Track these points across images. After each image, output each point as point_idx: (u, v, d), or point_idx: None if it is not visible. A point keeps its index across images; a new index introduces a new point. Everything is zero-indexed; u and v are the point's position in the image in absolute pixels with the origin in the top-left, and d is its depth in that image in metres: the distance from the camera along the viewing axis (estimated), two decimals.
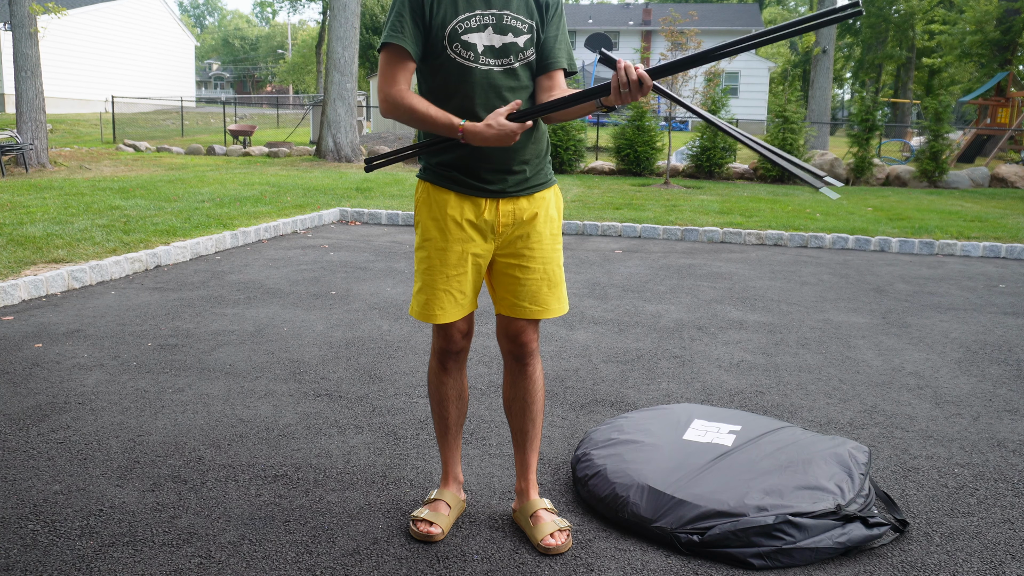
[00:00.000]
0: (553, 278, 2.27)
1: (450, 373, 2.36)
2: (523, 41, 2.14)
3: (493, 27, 2.11)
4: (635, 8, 37.68)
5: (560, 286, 2.30)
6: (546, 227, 2.25)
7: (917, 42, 40.27)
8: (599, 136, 19.00)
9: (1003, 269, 7.04)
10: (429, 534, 2.28)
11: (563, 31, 2.21)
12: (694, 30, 13.62)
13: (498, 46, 2.12)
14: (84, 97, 30.59)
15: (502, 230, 2.22)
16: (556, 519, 2.31)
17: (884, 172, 15.43)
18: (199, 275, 5.84)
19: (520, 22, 2.13)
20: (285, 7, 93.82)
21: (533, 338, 2.31)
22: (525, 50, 2.15)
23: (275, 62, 69.74)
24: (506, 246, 2.24)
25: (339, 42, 16.50)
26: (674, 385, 3.71)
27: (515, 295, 2.26)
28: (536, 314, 2.27)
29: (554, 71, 2.19)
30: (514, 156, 2.17)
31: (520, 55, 2.14)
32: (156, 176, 12.49)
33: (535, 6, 2.16)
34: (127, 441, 2.92)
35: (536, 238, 2.23)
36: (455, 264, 2.22)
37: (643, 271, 6.44)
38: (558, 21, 2.19)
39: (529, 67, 2.18)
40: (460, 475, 2.48)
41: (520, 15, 2.14)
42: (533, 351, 2.32)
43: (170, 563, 2.15)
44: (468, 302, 2.27)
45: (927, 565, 2.23)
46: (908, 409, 3.47)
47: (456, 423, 2.43)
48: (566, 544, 2.25)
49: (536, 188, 2.23)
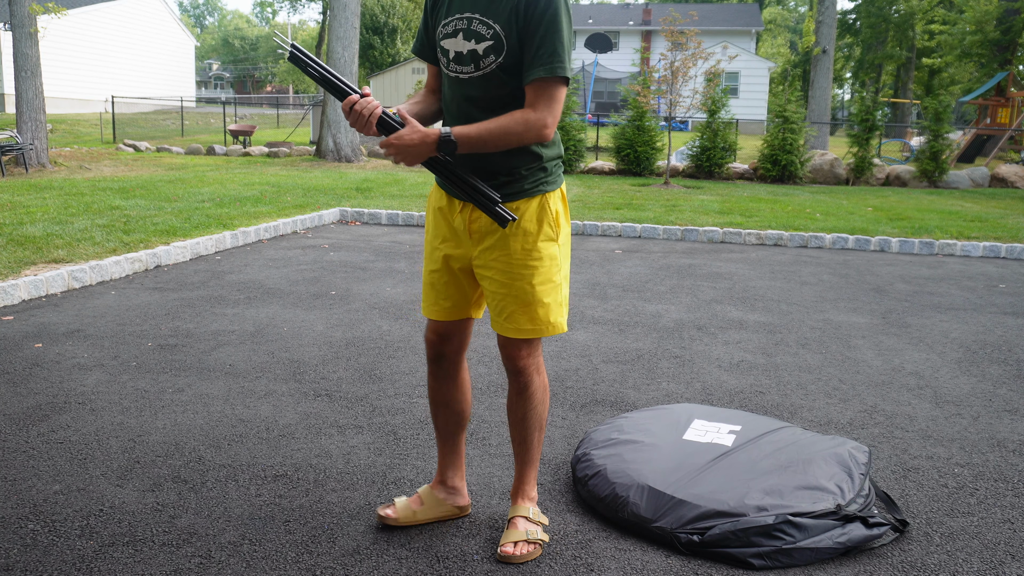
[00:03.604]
0: (524, 297, 2.11)
1: (435, 377, 2.34)
2: (483, 48, 1.99)
3: (464, 32, 2.02)
4: (635, 8, 37.68)
5: (534, 306, 2.12)
6: (517, 241, 2.10)
7: (917, 42, 40.28)
8: (599, 136, 19.01)
9: (1003, 269, 7.04)
10: (381, 516, 2.33)
11: (547, 37, 1.94)
12: (694, 30, 13.62)
13: (464, 52, 2.02)
14: (84, 97, 30.59)
15: (473, 236, 2.15)
16: (531, 529, 2.24)
17: (884, 172, 15.44)
18: (199, 275, 5.84)
19: (486, 27, 1.99)
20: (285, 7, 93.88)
21: (518, 355, 2.19)
22: (485, 58, 2.00)
23: (275, 62, 69.75)
24: (480, 255, 2.15)
25: (339, 42, 16.51)
26: (674, 385, 3.71)
27: (491, 308, 2.20)
28: (507, 331, 2.16)
29: (527, 85, 1.99)
30: (482, 165, 2.08)
31: (479, 63, 2.01)
32: (156, 176, 12.49)
33: (512, 12, 1.96)
34: (127, 441, 2.92)
35: (504, 251, 2.10)
36: (432, 260, 2.25)
37: (643, 271, 6.44)
38: (538, 28, 1.94)
39: (498, 75, 2.01)
40: (453, 481, 2.40)
41: (488, 19, 1.98)
42: (520, 369, 2.20)
43: (170, 563, 2.15)
44: (447, 308, 2.24)
45: (927, 565, 2.23)
46: (908, 409, 3.47)
47: (445, 429, 2.38)
48: (524, 556, 2.18)
49: (507, 199, 2.09)
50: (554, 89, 1.98)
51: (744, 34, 35.40)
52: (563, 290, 2.19)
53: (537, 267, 2.12)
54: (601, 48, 32.72)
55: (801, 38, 57.14)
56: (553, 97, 1.98)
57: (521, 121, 1.97)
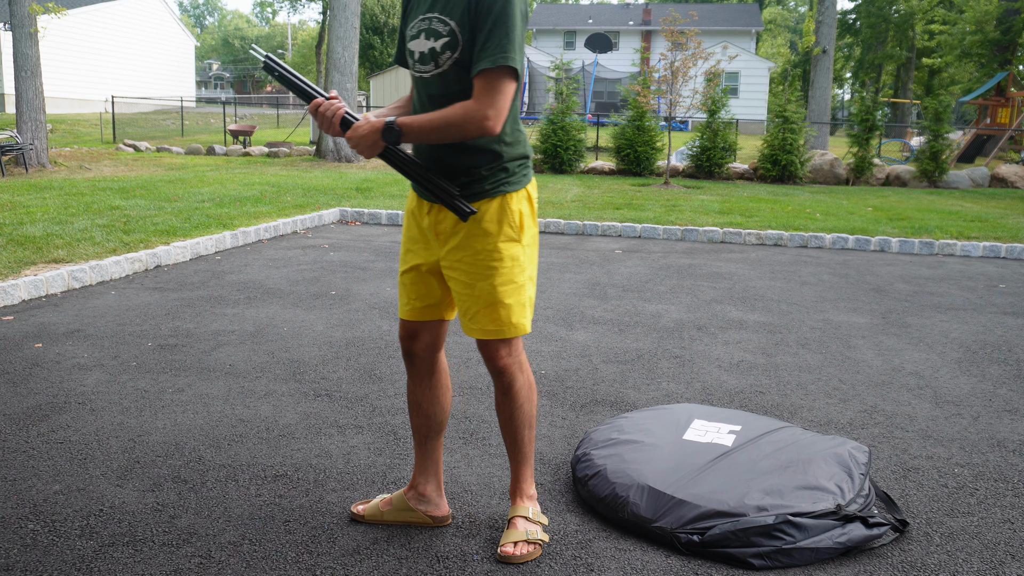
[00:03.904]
0: (486, 297, 2.11)
1: (410, 377, 2.34)
2: (440, 45, 2.00)
3: (425, 33, 2.03)
4: (635, 8, 37.69)
5: (496, 307, 2.11)
6: (479, 242, 2.09)
7: (917, 42, 40.30)
8: (599, 136, 19.01)
9: (1003, 269, 7.04)
10: (352, 512, 2.41)
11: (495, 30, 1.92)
12: (694, 30, 13.62)
13: (426, 52, 2.03)
14: (84, 97, 30.60)
15: (440, 237, 2.16)
16: (531, 529, 2.24)
17: (884, 172, 15.44)
18: (199, 275, 5.84)
19: (443, 25, 1.99)
20: (285, 7, 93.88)
21: (497, 355, 2.17)
22: (442, 55, 2.00)
23: None
24: (446, 256, 2.15)
25: (339, 42, 16.52)
26: (674, 385, 3.71)
27: (458, 308, 2.20)
28: (471, 332, 2.16)
29: (474, 77, 1.96)
30: (442, 164, 2.09)
31: (438, 60, 2.02)
32: (156, 176, 12.50)
33: (466, 7, 1.96)
34: (127, 441, 2.92)
35: (467, 251, 2.11)
36: (404, 261, 2.27)
37: (643, 271, 6.44)
38: (487, 21, 1.92)
39: (455, 72, 2.02)
40: (424, 488, 2.36)
41: (445, 16, 1.99)
42: (500, 369, 2.19)
43: (170, 563, 2.15)
44: (418, 308, 2.25)
45: (927, 565, 2.23)
46: (908, 409, 3.47)
47: (418, 433, 2.36)
48: (524, 556, 2.18)
49: (468, 200, 2.09)
50: (499, 81, 1.94)
51: (744, 34, 35.41)
52: (527, 291, 2.16)
53: (498, 268, 2.11)
54: (601, 48, 32.73)
55: (801, 38, 57.17)
56: (497, 89, 1.94)
57: (461, 112, 1.95)
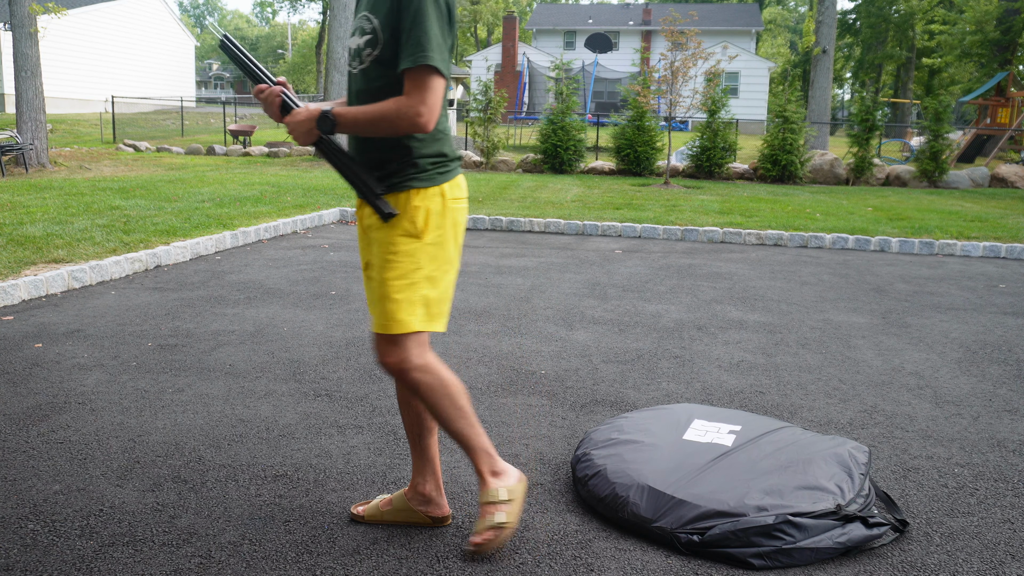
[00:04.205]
0: (379, 289, 2.11)
1: None
2: (363, 42, 2.04)
3: (357, 31, 2.08)
4: (635, 8, 37.70)
5: (384, 300, 2.09)
6: (381, 232, 2.10)
7: (917, 42, 40.31)
8: (599, 136, 19.01)
9: (1003, 269, 7.04)
10: (351, 513, 2.41)
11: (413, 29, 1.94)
12: (694, 30, 13.62)
13: (353, 48, 2.08)
14: (84, 97, 30.59)
15: (368, 232, 2.17)
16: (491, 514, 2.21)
17: (884, 172, 15.44)
18: (199, 275, 5.84)
19: (368, 23, 2.03)
20: (285, 7, 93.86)
21: (380, 351, 2.13)
22: (364, 51, 2.04)
23: (275, 62, 69.78)
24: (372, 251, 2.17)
25: (339, 42, 16.51)
26: (674, 385, 3.71)
27: None
28: (373, 324, 2.16)
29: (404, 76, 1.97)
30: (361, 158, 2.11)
31: (361, 57, 2.06)
32: (156, 176, 12.50)
33: (390, 7, 1.98)
34: (127, 441, 2.92)
35: (374, 242, 2.13)
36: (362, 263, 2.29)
37: (643, 271, 6.45)
38: (406, 19, 1.95)
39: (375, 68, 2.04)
40: (423, 487, 2.35)
41: (371, 14, 2.03)
42: (388, 367, 2.13)
43: (170, 563, 2.15)
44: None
45: (927, 565, 2.23)
46: (908, 409, 3.47)
47: (409, 431, 2.36)
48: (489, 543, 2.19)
49: None
50: (424, 78, 1.95)
51: (744, 34, 35.42)
52: (421, 290, 2.08)
53: (392, 261, 2.08)
54: (601, 48, 32.74)
55: (801, 38, 57.17)
56: (424, 86, 1.95)
57: (393, 107, 1.97)
